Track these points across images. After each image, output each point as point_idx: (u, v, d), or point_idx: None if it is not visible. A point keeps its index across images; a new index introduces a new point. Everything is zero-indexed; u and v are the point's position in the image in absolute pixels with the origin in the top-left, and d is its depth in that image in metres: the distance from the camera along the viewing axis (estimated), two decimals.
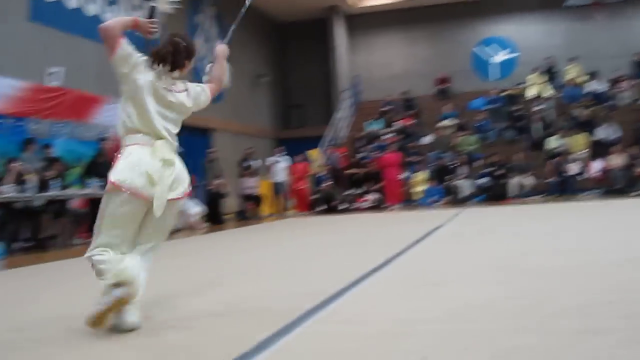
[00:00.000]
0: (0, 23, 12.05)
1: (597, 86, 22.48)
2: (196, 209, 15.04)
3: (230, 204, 18.11)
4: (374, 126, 22.96)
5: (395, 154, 19.63)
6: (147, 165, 3.82)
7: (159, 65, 4.07)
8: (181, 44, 4.21)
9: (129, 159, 3.85)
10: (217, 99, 16.37)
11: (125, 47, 3.99)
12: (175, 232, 13.74)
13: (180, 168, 4.06)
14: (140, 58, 4.03)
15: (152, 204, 3.78)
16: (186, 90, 4.27)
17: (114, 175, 3.80)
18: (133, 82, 3.98)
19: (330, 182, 19.15)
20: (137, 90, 3.96)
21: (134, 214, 3.81)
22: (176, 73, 4.18)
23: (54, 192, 11.08)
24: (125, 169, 3.80)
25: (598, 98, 21.89)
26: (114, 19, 4.10)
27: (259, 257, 7.64)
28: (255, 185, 18.17)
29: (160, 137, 4.00)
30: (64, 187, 11.60)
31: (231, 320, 3.84)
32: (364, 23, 26.33)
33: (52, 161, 11.82)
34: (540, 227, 9.44)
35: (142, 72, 4.00)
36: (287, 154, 19.68)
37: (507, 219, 11.40)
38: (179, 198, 3.99)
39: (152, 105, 3.99)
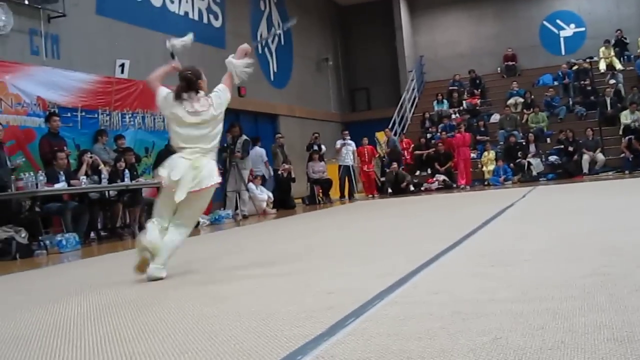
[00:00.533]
0: (69, 18, 12.30)
1: None
2: (264, 194, 15.18)
3: (300, 189, 18.20)
4: (441, 106, 22.76)
5: (464, 133, 19.43)
6: (178, 169, 5.33)
7: (182, 96, 5.51)
8: (188, 75, 5.64)
9: (170, 164, 5.43)
10: (281, 84, 16.81)
11: (160, 95, 5.63)
12: (245, 218, 13.91)
13: (207, 168, 5.44)
14: (171, 97, 5.56)
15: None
16: (210, 104, 5.56)
17: (160, 174, 5.51)
18: (168, 118, 5.73)
19: (395, 165, 19.07)
20: (170, 124, 5.62)
21: (169, 199, 5.38)
22: (201, 93, 5.59)
23: (126, 182, 11.30)
24: (165, 171, 5.41)
25: None
26: (155, 73, 5.89)
27: (331, 239, 7.67)
28: (323, 169, 18.22)
29: (191, 148, 5.45)
30: (136, 177, 11.82)
31: (308, 302, 3.87)
32: (427, 2, 26.10)
33: (123, 152, 12.05)
34: (613, 203, 9.24)
35: (173, 107, 5.52)
36: (353, 138, 19.63)
37: (579, 197, 11.19)
38: (200, 190, 5.36)
39: (182, 129, 5.49)
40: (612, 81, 20.87)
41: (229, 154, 14.38)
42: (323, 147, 18.87)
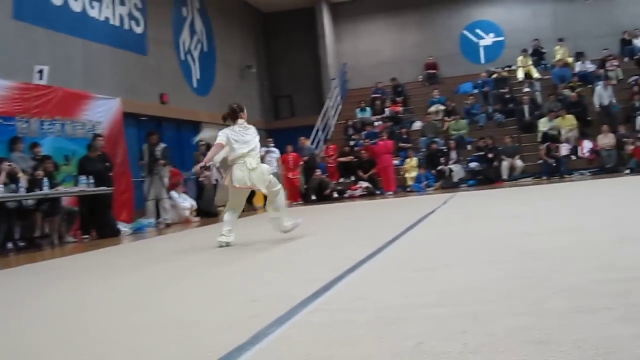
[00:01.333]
0: None
1: (585, 66, 22.52)
2: (187, 202, 15.03)
3: (223, 196, 18.08)
4: (364, 114, 22.95)
5: (387, 141, 19.64)
6: (243, 173, 7.91)
7: (232, 121, 8.29)
8: (233, 107, 8.51)
9: (236, 171, 7.93)
10: (204, 91, 17.13)
11: (222, 142, 8.11)
12: (168, 226, 13.74)
13: (261, 168, 8.13)
14: (226, 130, 8.25)
15: (248, 190, 8.30)
16: (249, 127, 8.34)
17: (233, 180, 7.97)
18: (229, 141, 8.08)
19: (320, 172, 19.14)
20: (230, 142, 8.04)
21: (240, 195, 8.29)
22: (240, 120, 8.28)
23: (45, 191, 11.03)
24: (235, 176, 7.92)
25: (585, 78, 21.94)
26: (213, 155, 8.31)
27: (254, 247, 7.64)
28: None
29: (246, 157, 7.94)
30: (55, 186, 11.54)
31: (230, 311, 3.84)
32: (350, 11, 26.27)
33: (42, 160, 11.75)
34: (531, 208, 9.47)
35: (228, 131, 8.18)
36: (277, 145, 19.60)
37: (499, 202, 11.42)
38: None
39: (237, 145, 8.01)
40: (527, 89, 21.42)
41: (151, 161, 14.18)
42: None
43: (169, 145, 15.23)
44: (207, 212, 15.82)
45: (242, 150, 7.94)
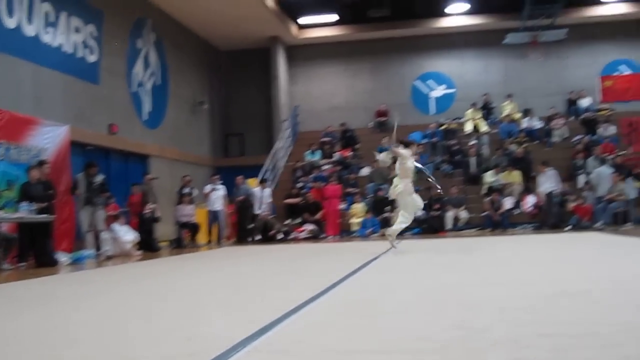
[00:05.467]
0: None
1: (532, 123, 23.03)
2: (130, 235, 14.82)
3: (166, 232, 17.89)
4: (314, 157, 23.03)
5: (335, 185, 19.73)
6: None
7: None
8: (404, 141, 10.91)
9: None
10: (155, 124, 16.60)
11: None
12: (109, 259, 13.51)
13: (400, 186, 10.82)
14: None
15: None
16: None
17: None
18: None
19: (266, 212, 19.10)
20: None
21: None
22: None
23: None
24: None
25: (532, 135, 22.43)
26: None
27: (194, 285, 7.55)
28: (191, 213, 18.00)
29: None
30: None
31: (168, 349, 3.77)
32: (305, 54, 26.51)
33: None
34: (473, 260, 9.56)
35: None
36: (225, 183, 19.50)
37: (442, 252, 11.50)
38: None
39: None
40: (474, 142, 21.79)
41: (89, 192, 13.91)
42: (195, 190, 18.69)
43: (115, 177, 15.04)
44: (150, 246, 15.62)
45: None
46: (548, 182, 18.52)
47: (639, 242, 12.09)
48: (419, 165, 10.53)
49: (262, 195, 19.53)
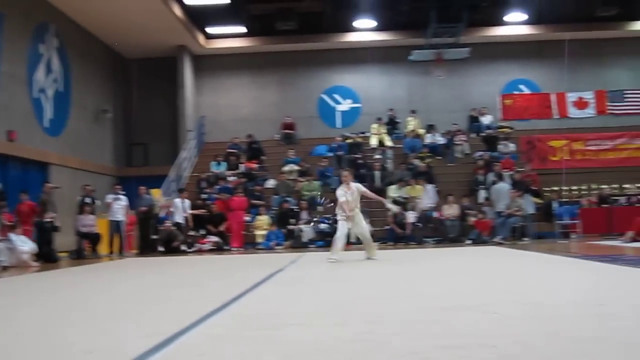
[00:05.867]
0: None
1: (435, 138, 23.53)
2: (27, 246, 14.36)
3: (66, 242, 17.43)
4: (219, 168, 22.89)
5: (240, 197, 19.67)
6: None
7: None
8: (344, 172, 12.57)
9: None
10: (56, 132, 16.15)
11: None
12: (4, 270, 13.07)
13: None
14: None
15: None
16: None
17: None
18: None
19: (169, 223, 18.86)
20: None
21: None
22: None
23: None
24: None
25: (435, 150, 22.92)
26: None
27: (94, 296, 7.38)
28: (92, 223, 17.60)
29: None
30: None
31: None
32: (213, 65, 26.40)
33: None
34: (376, 273, 9.66)
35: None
36: (129, 193, 19.14)
37: (346, 264, 11.59)
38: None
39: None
40: (379, 156, 22.13)
41: None
42: (97, 201, 18.30)
43: (14, 186, 14.58)
44: (48, 257, 15.19)
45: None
46: (426, 197, 19.14)
47: (535, 256, 12.49)
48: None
49: (183, 206, 19.34)
